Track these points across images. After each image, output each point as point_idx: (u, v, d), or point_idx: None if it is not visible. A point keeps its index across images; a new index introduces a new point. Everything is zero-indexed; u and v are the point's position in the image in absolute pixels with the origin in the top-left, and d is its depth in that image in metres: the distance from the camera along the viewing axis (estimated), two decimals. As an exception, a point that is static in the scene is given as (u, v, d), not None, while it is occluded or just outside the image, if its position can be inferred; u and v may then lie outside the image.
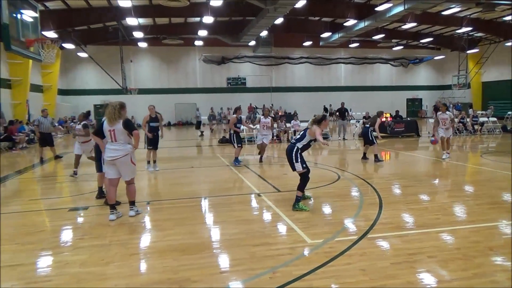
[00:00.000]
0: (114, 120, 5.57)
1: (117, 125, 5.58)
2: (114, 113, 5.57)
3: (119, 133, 5.59)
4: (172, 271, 3.89)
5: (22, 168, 11.31)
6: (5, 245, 4.77)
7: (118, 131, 5.59)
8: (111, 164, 5.70)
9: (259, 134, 11.32)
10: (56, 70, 27.68)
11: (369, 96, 36.65)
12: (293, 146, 6.07)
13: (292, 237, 4.84)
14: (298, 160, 5.99)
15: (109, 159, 5.66)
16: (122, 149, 5.63)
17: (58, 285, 3.65)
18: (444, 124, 10.94)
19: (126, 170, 5.74)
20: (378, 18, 23.69)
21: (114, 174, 5.77)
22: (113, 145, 5.65)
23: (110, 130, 5.61)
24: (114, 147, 5.64)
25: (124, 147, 5.65)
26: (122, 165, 5.68)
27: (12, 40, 9.43)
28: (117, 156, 5.61)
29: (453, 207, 6.15)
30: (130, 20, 23.07)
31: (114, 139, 5.62)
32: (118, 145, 5.62)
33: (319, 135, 5.94)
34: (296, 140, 6.18)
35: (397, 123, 18.85)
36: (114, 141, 5.63)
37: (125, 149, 5.65)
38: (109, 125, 5.62)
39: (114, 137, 5.61)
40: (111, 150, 5.65)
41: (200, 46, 32.76)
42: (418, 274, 3.73)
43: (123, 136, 5.63)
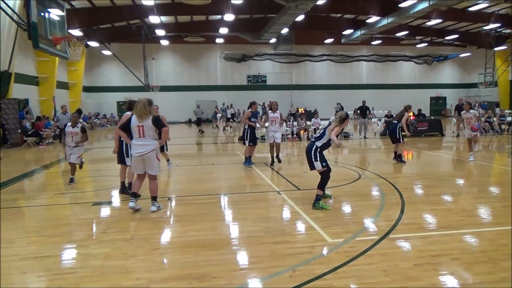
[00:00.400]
0: (145, 116, 5.71)
1: (146, 121, 5.72)
2: (144, 109, 5.71)
3: (148, 129, 5.74)
4: (192, 266, 3.93)
5: (48, 163, 11.65)
6: (33, 237, 4.93)
7: (147, 127, 5.73)
8: (139, 159, 5.84)
9: (268, 131, 10.16)
10: (81, 68, 28.38)
11: (391, 94, 36.00)
12: (312, 145, 6.04)
13: (312, 235, 4.81)
14: (317, 159, 5.95)
15: (138, 154, 5.80)
16: (149, 144, 5.77)
17: (83, 277, 3.74)
18: (469, 123, 10.58)
19: (152, 165, 5.87)
20: (402, 15, 23.21)
21: (141, 170, 5.94)
22: (140, 141, 5.77)
23: (139, 126, 5.74)
24: (142, 143, 5.77)
25: (151, 142, 5.79)
26: (149, 160, 5.82)
27: (40, 39, 9.69)
28: (146, 151, 5.75)
29: (479, 209, 5.98)
30: (152, 18, 23.43)
31: (143, 135, 5.74)
32: (146, 140, 5.76)
33: (334, 134, 5.89)
34: (315, 139, 6.14)
35: (420, 122, 18.46)
36: (142, 137, 5.75)
37: (152, 144, 5.80)
38: (139, 121, 5.74)
39: (143, 132, 5.74)
40: (139, 146, 5.78)
41: (221, 44, 32.93)
42: (441, 277, 3.65)
43: (151, 132, 5.78)
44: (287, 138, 17.22)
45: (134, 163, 5.98)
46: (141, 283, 3.60)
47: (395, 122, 10.70)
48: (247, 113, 10.28)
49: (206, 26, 28.48)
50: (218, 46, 33.38)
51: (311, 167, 6.04)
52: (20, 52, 17.97)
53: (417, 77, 37.93)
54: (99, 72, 33.00)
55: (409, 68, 37.28)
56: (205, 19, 27.87)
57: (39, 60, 21.92)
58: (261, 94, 33.88)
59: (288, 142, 16.74)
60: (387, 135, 17.88)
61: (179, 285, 3.55)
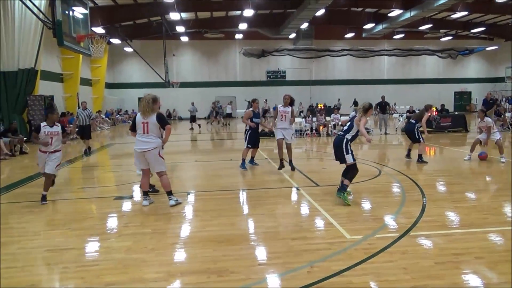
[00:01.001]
0: (148, 113, 5.76)
1: (150, 118, 5.77)
2: (147, 106, 5.76)
3: (152, 126, 5.79)
4: (211, 261, 3.97)
5: (72, 158, 11.95)
6: (58, 230, 5.09)
7: (151, 124, 5.78)
8: (140, 155, 5.90)
9: (277, 127, 8.78)
10: (104, 64, 28.95)
11: (413, 89, 35.29)
12: (342, 138, 6.04)
13: (331, 232, 4.78)
14: (349, 152, 5.97)
15: (140, 150, 5.86)
16: (153, 141, 5.80)
17: (105, 269, 3.84)
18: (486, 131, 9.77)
19: (155, 162, 5.89)
20: (426, 8, 22.64)
21: (143, 165, 6.00)
22: (144, 137, 5.82)
23: (143, 122, 5.80)
24: (145, 139, 5.81)
25: (154, 140, 5.82)
26: (151, 157, 5.84)
27: (64, 36, 9.92)
28: (148, 148, 5.79)
29: (503, 207, 5.81)
30: (173, 15, 23.64)
31: (147, 131, 5.79)
32: (149, 137, 5.80)
33: (363, 125, 5.89)
34: (344, 132, 6.13)
35: (443, 118, 18.03)
36: (146, 133, 5.80)
37: (155, 142, 5.82)
38: (143, 118, 5.81)
39: (147, 129, 5.79)
40: (142, 142, 5.83)
41: (240, 40, 32.95)
42: (464, 275, 3.57)
43: (155, 129, 5.82)
44: (306, 134, 17.13)
45: (136, 158, 6.05)
46: (161, 277, 3.67)
47: (413, 121, 10.12)
48: (247, 112, 9.29)
49: (225, 22, 28.58)
50: (237, 41, 33.43)
51: (342, 160, 6.04)
52: (46, 50, 18.47)
53: (441, 72, 36.98)
54: (121, 69, 33.58)
55: (432, 62, 36.39)
56: (224, 15, 27.94)
57: (63, 57, 22.50)
58: (280, 90, 33.75)
59: (307, 137, 16.66)
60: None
61: (197, 279, 3.60)
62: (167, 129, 5.87)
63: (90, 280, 3.62)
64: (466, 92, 37.60)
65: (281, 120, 8.69)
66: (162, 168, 5.98)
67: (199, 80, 33.98)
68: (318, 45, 32.06)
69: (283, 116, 8.67)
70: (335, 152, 6.14)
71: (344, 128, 6.25)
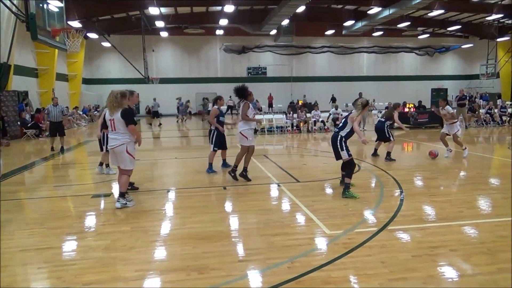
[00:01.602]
0: (113, 108, 5.56)
1: (116, 114, 5.56)
2: (114, 102, 5.56)
3: (118, 123, 5.57)
4: (191, 258, 3.95)
5: (48, 155, 11.66)
6: (34, 229, 4.96)
7: (117, 120, 5.57)
8: (111, 153, 5.83)
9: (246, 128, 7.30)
10: (81, 60, 28.29)
11: (392, 86, 35.91)
12: (337, 135, 6.27)
13: (311, 227, 4.83)
14: (343, 148, 6.20)
15: (109, 147, 5.81)
16: (120, 138, 5.59)
17: (83, 268, 3.76)
18: (447, 120, 9.97)
19: (122, 159, 5.68)
20: (404, 6, 23.03)
21: (116, 163, 5.88)
22: (112, 134, 5.68)
23: (110, 120, 5.63)
24: (113, 136, 5.67)
25: (122, 137, 5.60)
26: (119, 154, 5.66)
27: (38, 30, 9.62)
28: (115, 145, 5.63)
29: (478, 200, 5.99)
30: (152, 9, 23.27)
31: (114, 129, 5.63)
32: (117, 134, 5.62)
33: (357, 123, 6.21)
34: (339, 129, 6.38)
35: (420, 114, 18.42)
36: (113, 130, 5.64)
37: (122, 139, 5.60)
38: (110, 115, 5.63)
39: (113, 126, 5.61)
40: (111, 139, 5.73)
41: (221, 36, 32.73)
42: (439, 268, 3.66)
43: (122, 126, 5.57)
44: (287, 130, 17.21)
45: (110, 156, 6.03)
46: (140, 275, 3.62)
47: (382, 120, 10.09)
48: (214, 110, 8.33)
49: (206, 17, 28.31)
50: (218, 37, 33.20)
51: (337, 157, 6.32)
52: (19, 44, 17.92)
53: (419, 69, 37.75)
54: (99, 64, 32.89)
55: (411, 60, 37.10)
56: (205, 11, 27.69)
57: (38, 52, 21.86)
58: (262, 86, 33.81)
59: (288, 134, 16.74)
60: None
61: (178, 276, 3.57)
62: (130, 129, 5.58)
63: (68, 280, 3.54)
64: (443, 89, 38.48)
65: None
66: (128, 166, 5.72)
67: (180, 76, 33.62)
68: (298, 41, 32.22)
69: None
70: (333, 149, 6.40)
71: (339, 125, 6.50)
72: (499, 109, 19.31)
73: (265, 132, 16.97)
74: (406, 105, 19.17)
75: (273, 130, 17.00)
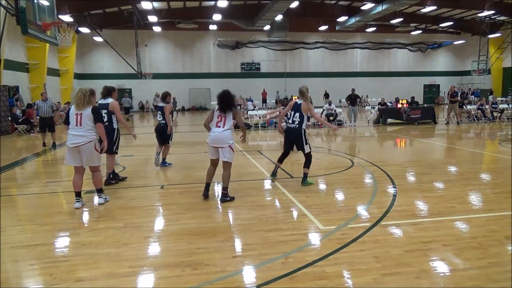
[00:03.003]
0: (83, 105, 5.47)
1: (85, 110, 5.49)
2: (83, 99, 5.49)
3: (86, 118, 5.47)
4: (185, 254, 3.94)
5: (39, 151, 11.54)
6: (25, 225, 4.91)
7: (85, 116, 5.47)
8: (75, 151, 5.49)
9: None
10: (73, 54, 27.94)
11: (385, 82, 36.06)
12: (300, 129, 6.54)
13: (305, 223, 4.84)
14: (307, 142, 6.62)
15: (72, 145, 5.46)
16: (86, 135, 5.47)
17: (75, 265, 3.74)
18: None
19: (90, 157, 5.56)
20: (397, 1, 23.05)
21: (76, 162, 5.56)
22: (77, 131, 5.46)
23: (77, 114, 5.48)
24: (79, 133, 5.45)
25: (89, 133, 5.49)
26: (86, 151, 5.49)
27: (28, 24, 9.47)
28: (82, 142, 5.43)
29: (470, 196, 6.05)
30: (144, 3, 23.02)
31: (80, 124, 5.45)
32: (83, 130, 5.45)
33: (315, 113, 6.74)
34: (299, 124, 6.57)
35: (413, 110, 18.53)
36: (79, 126, 5.46)
37: (89, 135, 5.50)
38: (76, 109, 5.50)
39: (80, 121, 5.45)
40: (75, 136, 5.46)
41: (214, 31, 32.55)
42: (432, 262, 3.70)
43: (90, 122, 5.49)
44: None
45: (68, 153, 5.55)
46: (134, 271, 3.61)
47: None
48: (169, 106, 8.32)
49: (199, 12, 28.10)
50: (211, 33, 33.01)
51: (301, 149, 6.65)
52: (10, 38, 17.66)
53: (411, 65, 37.92)
54: (91, 59, 32.55)
55: (403, 56, 37.25)
56: (198, 5, 27.49)
57: (29, 46, 21.53)
58: (255, 82, 33.76)
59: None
60: (380, 123, 18.06)
61: (172, 272, 3.56)
62: (98, 127, 5.53)
63: (60, 276, 3.52)
64: (435, 85, 38.77)
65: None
66: (96, 163, 5.66)
67: (173, 72, 33.41)
68: (292, 37, 32.13)
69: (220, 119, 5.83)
70: (296, 143, 6.71)
71: (295, 120, 6.60)
72: (490, 105, 19.48)
73: (258, 128, 16.95)
74: (399, 101, 19.24)
75: (266, 126, 16.98)
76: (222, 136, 5.62)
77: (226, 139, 5.62)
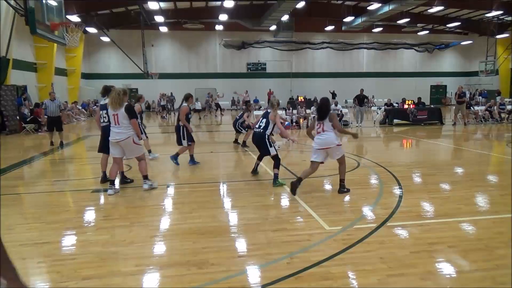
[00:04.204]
0: (116, 106, 6.00)
1: (119, 110, 6.01)
2: (117, 100, 6.01)
3: (122, 117, 6.04)
4: (191, 253, 3.96)
5: (47, 150, 11.64)
6: (32, 224, 4.96)
7: (121, 115, 6.03)
8: (116, 145, 6.20)
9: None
10: (80, 54, 28.15)
11: (392, 82, 35.88)
12: (264, 135, 6.89)
13: (310, 223, 4.84)
14: (271, 145, 6.94)
15: (114, 140, 6.14)
16: (125, 132, 6.07)
17: (82, 263, 3.77)
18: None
19: (131, 150, 6.23)
20: (404, 2, 22.96)
21: (118, 154, 6.30)
22: (117, 128, 6.09)
23: (114, 115, 6.07)
24: (117, 130, 6.09)
25: (126, 130, 6.08)
26: (126, 146, 6.16)
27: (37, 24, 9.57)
28: (121, 138, 6.09)
29: (476, 197, 6.01)
30: (151, 4, 23.13)
31: (117, 123, 6.06)
32: (121, 128, 6.06)
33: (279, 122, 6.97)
34: (263, 129, 6.93)
35: (419, 111, 18.42)
36: (117, 124, 6.07)
37: (127, 132, 6.09)
38: (112, 110, 6.07)
39: (117, 120, 6.05)
40: (115, 133, 6.11)
41: (220, 31, 32.60)
42: (437, 264, 3.68)
43: (125, 120, 6.05)
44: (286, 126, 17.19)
45: (111, 147, 6.29)
46: (140, 270, 3.63)
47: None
48: (184, 108, 8.40)
49: (205, 12, 28.17)
50: (217, 33, 33.07)
51: (267, 153, 6.94)
52: (18, 38, 17.82)
53: (418, 65, 37.70)
54: (98, 59, 32.76)
55: (410, 56, 37.04)
56: (204, 6, 27.56)
57: (37, 46, 21.73)
58: (261, 82, 33.76)
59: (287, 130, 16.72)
60: (386, 124, 17.98)
61: (177, 271, 3.59)
62: (132, 123, 6.08)
63: (67, 274, 3.55)
64: (442, 86, 38.50)
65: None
66: (140, 152, 6.35)
67: (179, 72, 33.52)
68: (298, 37, 32.10)
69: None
70: (258, 148, 7.08)
71: (261, 125, 7.02)
72: (498, 106, 19.30)
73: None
74: (406, 102, 19.13)
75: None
76: (328, 138, 6.07)
77: (332, 140, 6.07)
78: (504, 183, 6.92)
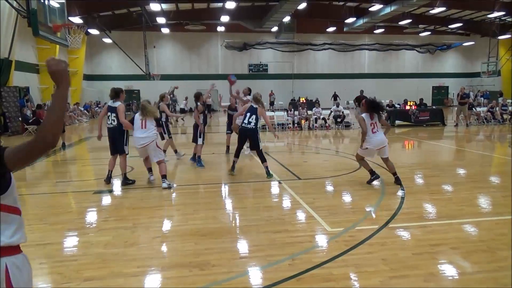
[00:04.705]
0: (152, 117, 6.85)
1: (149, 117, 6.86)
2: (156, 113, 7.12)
3: (149, 122, 6.82)
4: (193, 254, 3.96)
5: (49, 151, 11.66)
6: (35, 225, 4.97)
7: (149, 120, 6.81)
8: (142, 150, 6.88)
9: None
10: (82, 56, 28.21)
11: (393, 83, 35.79)
12: (255, 129, 7.35)
13: (312, 224, 4.84)
14: (260, 140, 7.46)
15: (140, 146, 6.80)
16: (150, 136, 6.74)
17: (84, 264, 3.78)
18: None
19: (154, 152, 6.80)
20: (405, 3, 22.94)
21: (144, 155, 7.11)
22: (142, 133, 6.72)
23: (141, 120, 6.78)
24: (143, 135, 6.71)
25: (151, 133, 6.78)
26: (151, 150, 6.78)
27: (39, 26, 9.60)
28: (146, 143, 6.72)
29: (478, 199, 6.00)
30: (153, 5, 23.20)
31: (144, 126, 6.75)
32: (146, 132, 6.71)
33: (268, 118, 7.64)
34: (255, 125, 7.33)
35: (421, 112, 18.39)
36: (144, 128, 6.74)
37: (152, 136, 6.77)
38: (141, 116, 6.79)
39: (145, 124, 6.75)
40: (140, 138, 6.73)
41: (222, 32, 32.62)
42: (440, 265, 3.67)
43: (152, 125, 6.85)
44: (288, 127, 17.20)
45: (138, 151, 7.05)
46: (142, 271, 3.64)
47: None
48: (198, 107, 8.60)
49: (207, 14, 28.22)
50: (219, 34, 33.08)
51: (256, 147, 7.43)
52: (20, 40, 17.88)
53: (420, 66, 37.64)
54: (100, 60, 32.82)
55: (412, 57, 36.97)
56: (206, 7, 27.61)
57: (39, 47, 21.81)
58: (263, 83, 33.73)
59: (289, 131, 16.73)
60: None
61: (179, 273, 3.59)
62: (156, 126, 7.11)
63: (69, 275, 3.56)
64: (444, 87, 38.42)
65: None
66: (160, 157, 6.86)
67: (180, 73, 33.55)
68: (300, 38, 32.08)
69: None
70: (251, 140, 7.50)
71: (251, 121, 7.35)
72: (500, 107, 19.25)
73: (266, 129, 16.95)
74: (407, 103, 19.10)
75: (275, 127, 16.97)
76: (383, 136, 6.63)
77: (385, 138, 6.63)
78: (506, 184, 6.89)
